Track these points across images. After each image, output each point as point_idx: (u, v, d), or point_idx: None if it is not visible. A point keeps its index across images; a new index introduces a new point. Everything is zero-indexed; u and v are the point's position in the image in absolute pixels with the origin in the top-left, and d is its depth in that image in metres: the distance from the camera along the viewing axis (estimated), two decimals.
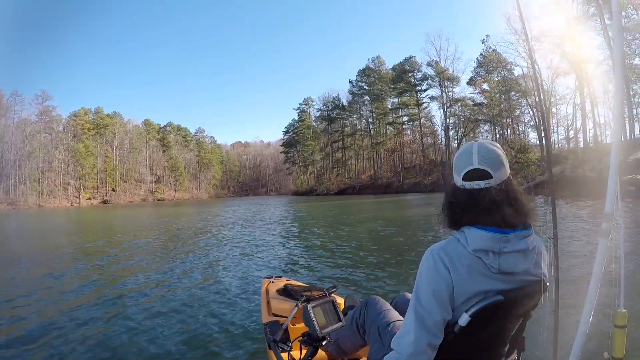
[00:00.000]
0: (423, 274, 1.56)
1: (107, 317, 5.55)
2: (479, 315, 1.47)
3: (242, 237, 14.67)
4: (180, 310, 5.80)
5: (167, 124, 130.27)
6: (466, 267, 1.48)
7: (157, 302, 6.24)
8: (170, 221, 25.65)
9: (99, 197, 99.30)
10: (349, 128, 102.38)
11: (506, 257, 1.50)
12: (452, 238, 1.59)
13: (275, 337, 2.51)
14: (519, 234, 1.54)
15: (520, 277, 1.56)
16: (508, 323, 1.63)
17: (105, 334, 4.86)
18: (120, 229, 21.81)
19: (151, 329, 5.00)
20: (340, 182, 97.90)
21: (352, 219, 21.83)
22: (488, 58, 67.53)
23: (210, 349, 4.33)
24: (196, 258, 10.50)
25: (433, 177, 75.02)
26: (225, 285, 7.29)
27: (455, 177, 1.66)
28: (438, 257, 1.52)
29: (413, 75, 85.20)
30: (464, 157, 1.63)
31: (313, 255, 10.47)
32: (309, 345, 2.26)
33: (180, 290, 7.01)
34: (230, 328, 4.95)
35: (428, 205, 28.99)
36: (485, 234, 1.50)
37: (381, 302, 2.39)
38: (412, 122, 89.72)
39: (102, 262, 10.36)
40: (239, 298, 6.41)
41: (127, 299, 6.50)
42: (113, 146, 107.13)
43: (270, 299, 3.60)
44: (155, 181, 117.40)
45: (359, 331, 2.40)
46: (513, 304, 1.54)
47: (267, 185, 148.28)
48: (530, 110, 59.53)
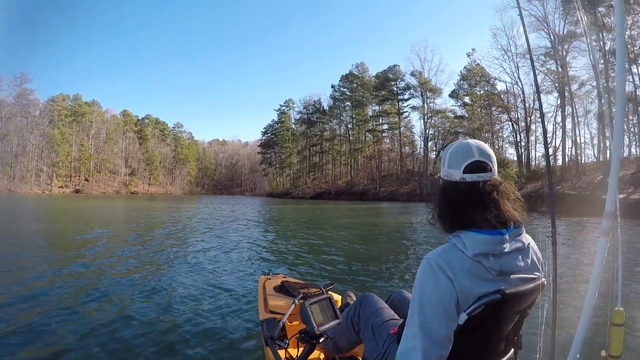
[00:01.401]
0: (424, 284, 1.52)
1: (101, 315, 5.17)
2: (477, 314, 1.47)
3: (230, 236, 14.23)
4: (175, 307, 5.60)
5: (145, 116, 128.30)
6: (467, 273, 1.47)
7: (150, 300, 5.96)
8: (152, 216, 24.46)
9: (72, 186, 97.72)
10: (328, 132, 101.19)
11: (506, 258, 1.52)
12: (449, 244, 1.57)
13: (272, 334, 2.45)
14: (513, 233, 1.56)
15: (518, 275, 1.57)
16: (505, 321, 1.62)
17: (99, 332, 4.56)
18: (101, 221, 20.14)
19: (145, 325, 4.79)
20: (316, 186, 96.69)
21: (338, 223, 22.06)
22: (472, 71, 67.83)
23: (206, 346, 4.21)
24: (188, 254, 10.07)
25: (410, 187, 74.35)
26: (221, 282, 7.11)
27: (451, 172, 1.65)
28: (437, 266, 1.49)
29: (396, 84, 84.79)
30: (462, 151, 1.64)
31: (305, 254, 10.48)
32: (306, 343, 2.27)
33: (174, 288, 6.72)
34: (226, 325, 4.86)
35: (407, 214, 29.33)
36: (484, 237, 1.49)
37: (376, 300, 2.40)
38: (392, 131, 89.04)
39: (92, 263, 9.05)
40: (235, 295, 6.27)
41: (115, 296, 6.10)
42: (89, 135, 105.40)
43: (267, 295, 3.61)
44: (130, 174, 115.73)
45: (354, 329, 2.39)
46: (510, 302, 1.52)
47: (242, 185, 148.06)
48: (512, 125, 59.93)
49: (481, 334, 1.56)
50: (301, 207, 43.48)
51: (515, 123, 58.77)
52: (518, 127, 57.90)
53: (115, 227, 17.22)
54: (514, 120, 59.06)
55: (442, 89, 77.54)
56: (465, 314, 1.45)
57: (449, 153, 1.69)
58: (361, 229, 18.52)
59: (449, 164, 1.66)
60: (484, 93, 67.15)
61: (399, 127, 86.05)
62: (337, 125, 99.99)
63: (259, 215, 28.20)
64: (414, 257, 9.84)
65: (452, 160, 1.65)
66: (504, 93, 60.72)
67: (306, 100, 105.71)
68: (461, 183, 1.60)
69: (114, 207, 36.01)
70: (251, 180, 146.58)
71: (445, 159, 1.69)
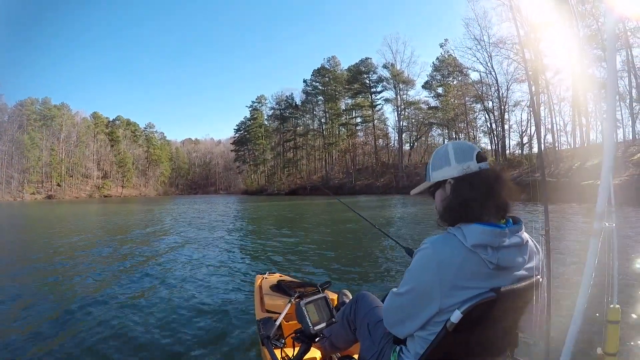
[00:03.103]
0: (414, 267, 1.60)
1: (99, 315, 5.19)
2: (471, 312, 1.47)
3: (212, 237, 13.89)
4: (170, 307, 5.53)
5: (116, 118, 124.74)
6: (460, 264, 1.48)
7: (146, 301, 5.91)
8: (132, 220, 23.44)
9: (44, 192, 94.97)
10: (301, 128, 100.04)
11: (504, 252, 1.52)
12: (448, 234, 1.58)
13: (269, 334, 2.43)
14: (512, 229, 1.56)
15: (515, 272, 1.57)
16: (501, 319, 1.62)
17: (94, 332, 4.58)
18: (76, 229, 18.37)
19: (140, 326, 4.78)
20: (291, 182, 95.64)
21: (320, 219, 21.78)
22: (445, 62, 67.61)
23: (202, 346, 4.18)
24: (180, 255, 9.94)
25: (385, 179, 74.10)
26: (217, 281, 7.09)
27: (463, 165, 1.64)
28: (433, 252, 1.53)
29: (368, 77, 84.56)
30: (462, 146, 1.70)
31: (295, 252, 10.27)
32: (302, 342, 2.24)
33: (168, 288, 6.67)
34: (222, 324, 4.82)
35: (386, 207, 28.78)
36: (485, 228, 1.50)
37: (371, 299, 2.38)
38: (366, 124, 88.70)
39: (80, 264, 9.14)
40: (232, 294, 6.24)
41: (111, 299, 6.01)
42: (60, 139, 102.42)
43: (263, 295, 3.60)
44: (102, 177, 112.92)
45: (350, 328, 2.38)
46: (506, 300, 1.51)
47: (216, 184, 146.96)
48: (487, 114, 59.86)
49: (477, 332, 1.57)
50: (280, 204, 42.69)
51: (490, 112, 58.82)
52: (493, 117, 57.88)
53: (94, 233, 16.29)
54: (488, 109, 59.07)
55: (415, 80, 77.37)
56: (460, 312, 1.46)
57: (450, 152, 1.69)
58: (344, 224, 17.89)
59: (459, 159, 1.66)
60: (457, 83, 66.95)
61: (372, 120, 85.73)
62: (310, 120, 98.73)
63: (239, 214, 27.85)
64: (403, 254, 9.29)
65: (459, 155, 1.66)
66: (477, 83, 60.49)
67: (278, 95, 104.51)
68: (477, 173, 1.62)
69: (89, 212, 34.17)
70: (225, 178, 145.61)
71: (450, 158, 1.68)
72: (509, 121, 57.55)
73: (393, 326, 1.76)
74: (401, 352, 1.77)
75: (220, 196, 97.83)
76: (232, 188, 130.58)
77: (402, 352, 1.77)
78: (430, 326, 1.59)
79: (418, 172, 64.99)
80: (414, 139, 78.44)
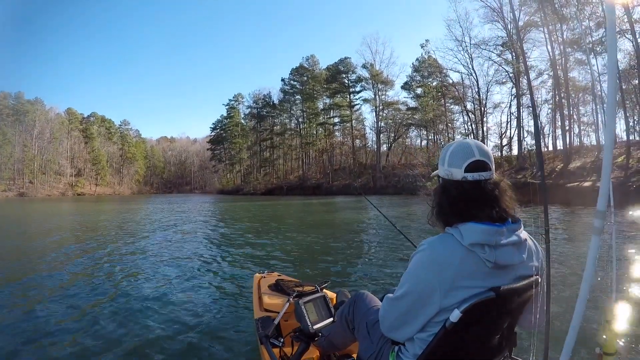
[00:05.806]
0: (412, 269, 1.59)
1: (96, 315, 5.19)
2: (471, 311, 1.47)
3: (205, 235, 14.09)
4: (168, 306, 5.51)
5: (91, 114, 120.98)
6: (459, 263, 1.49)
7: (143, 300, 5.82)
8: (112, 219, 22.78)
9: (15, 190, 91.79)
10: (278, 127, 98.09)
11: (502, 250, 1.51)
12: (445, 234, 1.59)
13: (267, 333, 2.48)
14: (510, 228, 1.57)
15: (514, 271, 1.58)
16: (500, 319, 1.62)
17: (92, 331, 4.61)
18: (55, 228, 17.71)
19: (138, 326, 4.75)
20: (267, 182, 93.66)
21: (302, 219, 21.85)
22: (425, 63, 66.35)
23: (200, 345, 4.18)
24: (176, 254, 9.91)
25: (363, 180, 72.83)
26: (215, 280, 7.11)
27: (452, 171, 1.65)
28: (430, 253, 1.54)
29: (347, 77, 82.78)
30: (463, 150, 1.64)
31: (285, 252, 10.18)
32: (300, 341, 2.29)
33: (166, 288, 6.59)
34: (220, 324, 4.81)
35: (365, 208, 27.11)
36: (482, 227, 1.50)
37: (370, 298, 2.35)
38: (344, 124, 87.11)
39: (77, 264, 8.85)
40: (230, 293, 6.25)
41: (107, 297, 6.00)
42: (32, 135, 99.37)
43: (261, 294, 3.58)
44: (76, 174, 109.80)
45: (349, 327, 2.35)
46: (505, 299, 1.52)
47: (192, 183, 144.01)
48: (467, 115, 59.12)
49: (476, 331, 1.58)
50: (255, 204, 41.55)
51: (471, 113, 58.20)
52: (475, 118, 57.16)
53: (75, 235, 15.22)
54: (469, 110, 58.41)
55: (394, 81, 76.29)
56: (459, 311, 1.46)
57: (449, 152, 1.69)
58: (338, 224, 18.04)
59: (449, 163, 1.66)
60: (437, 84, 65.99)
61: (350, 120, 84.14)
62: (287, 120, 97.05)
63: (219, 214, 27.46)
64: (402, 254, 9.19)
65: (452, 159, 1.66)
66: (458, 84, 59.83)
67: (256, 94, 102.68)
68: (463, 182, 1.61)
69: (63, 212, 32.16)
70: (201, 177, 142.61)
71: (445, 158, 1.69)
72: (487, 123, 57.11)
73: (391, 331, 1.75)
74: (400, 352, 1.76)
75: (197, 195, 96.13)
76: (208, 187, 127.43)
77: (400, 352, 1.76)
78: (429, 326, 1.59)
79: (396, 172, 63.11)
80: (392, 140, 77.43)
